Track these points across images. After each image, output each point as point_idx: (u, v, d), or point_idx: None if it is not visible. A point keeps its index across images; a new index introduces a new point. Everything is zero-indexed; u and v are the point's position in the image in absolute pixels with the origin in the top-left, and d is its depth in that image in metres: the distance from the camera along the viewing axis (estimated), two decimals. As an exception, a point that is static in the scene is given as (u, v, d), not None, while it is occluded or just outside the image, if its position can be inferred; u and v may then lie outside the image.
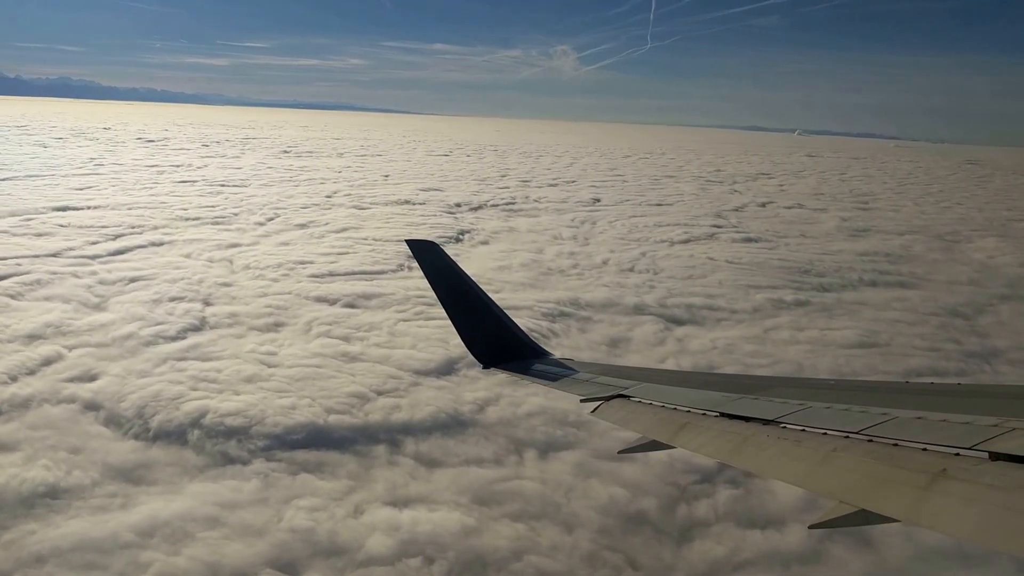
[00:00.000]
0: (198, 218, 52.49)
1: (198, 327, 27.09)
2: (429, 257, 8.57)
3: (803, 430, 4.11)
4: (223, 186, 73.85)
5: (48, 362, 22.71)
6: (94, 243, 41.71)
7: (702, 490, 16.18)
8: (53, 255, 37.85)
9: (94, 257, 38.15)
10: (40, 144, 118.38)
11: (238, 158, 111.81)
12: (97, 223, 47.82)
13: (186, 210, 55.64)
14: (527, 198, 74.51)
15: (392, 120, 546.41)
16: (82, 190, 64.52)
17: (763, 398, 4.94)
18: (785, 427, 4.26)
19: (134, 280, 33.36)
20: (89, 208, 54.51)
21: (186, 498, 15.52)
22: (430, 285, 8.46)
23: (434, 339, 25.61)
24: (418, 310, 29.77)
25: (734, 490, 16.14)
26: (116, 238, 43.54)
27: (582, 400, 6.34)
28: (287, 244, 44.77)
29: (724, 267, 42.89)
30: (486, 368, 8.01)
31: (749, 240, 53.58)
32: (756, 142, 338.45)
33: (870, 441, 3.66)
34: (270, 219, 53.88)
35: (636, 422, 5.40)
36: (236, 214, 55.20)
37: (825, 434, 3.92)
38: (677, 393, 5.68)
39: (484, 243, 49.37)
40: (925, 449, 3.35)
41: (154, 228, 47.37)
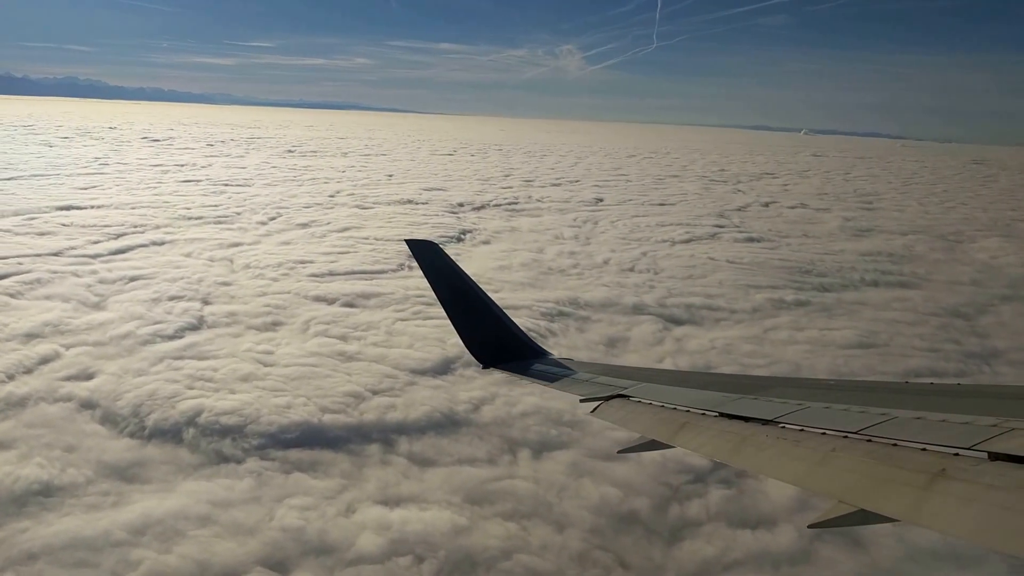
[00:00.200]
0: (200, 217, 52.65)
1: (196, 326, 27.18)
2: (429, 257, 8.58)
3: (802, 430, 4.12)
4: (227, 185, 74.09)
5: (45, 361, 22.82)
6: (96, 242, 41.88)
7: (695, 490, 16.15)
8: (55, 254, 38.04)
9: (95, 256, 38.31)
10: (46, 143, 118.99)
11: (242, 157, 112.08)
12: (100, 222, 48.06)
13: (189, 209, 55.84)
14: (530, 198, 74.53)
15: (397, 119, 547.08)
16: (86, 189, 64.91)
17: (762, 398, 4.95)
18: (784, 427, 4.27)
19: (134, 279, 33.48)
20: (92, 207, 54.77)
21: (179, 496, 15.56)
22: (430, 285, 8.46)
23: (431, 338, 25.66)
24: (416, 309, 29.82)
25: (727, 490, 16.12)
26: (118, 237, 43.72)
27: (581, 400, 6.35)
28: (288, 243, 44.88)
29: (725, 267, 42.80)
30: (485, 368, 8.00)
31: (751, 240, 53.46)
32: (762, 142, 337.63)
33: (869, 441, 3.66)
34: (272, 218, 54.05)
35: (635, 422, 5.41)
36: (239, 213, 55.37)
37: (824, 434, 3.93)
38: (676, 393, 5.70)
39: (486, 243, 49.38)
40: (924, 449, 3.35)
41: (156, 227, 47.55)
